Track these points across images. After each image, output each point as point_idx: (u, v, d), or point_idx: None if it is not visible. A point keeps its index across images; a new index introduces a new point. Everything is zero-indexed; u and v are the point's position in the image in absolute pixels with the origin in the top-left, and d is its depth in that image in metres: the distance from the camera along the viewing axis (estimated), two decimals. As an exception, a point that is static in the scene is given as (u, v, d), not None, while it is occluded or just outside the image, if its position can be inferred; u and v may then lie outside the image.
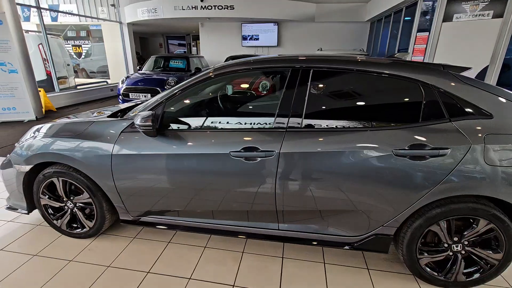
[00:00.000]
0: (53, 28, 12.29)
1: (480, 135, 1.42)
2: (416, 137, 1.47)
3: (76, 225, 2.07)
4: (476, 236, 1.55)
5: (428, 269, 1.66)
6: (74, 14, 10.42)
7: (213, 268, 1.82)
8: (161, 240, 2.08)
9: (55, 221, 2.07)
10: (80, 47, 11.77)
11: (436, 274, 1.65)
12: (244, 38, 9.82)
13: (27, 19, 11.82)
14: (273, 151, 1.56)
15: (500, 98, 1.48)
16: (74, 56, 11.60)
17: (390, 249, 1.72)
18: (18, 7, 6.00)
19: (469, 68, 1.65)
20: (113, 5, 10.51)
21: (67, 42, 12.63)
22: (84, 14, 10.67)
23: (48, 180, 1.93)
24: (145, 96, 6.18)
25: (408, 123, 1.52)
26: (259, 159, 1.58)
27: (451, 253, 1.61)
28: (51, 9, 10.83)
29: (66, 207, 2.01)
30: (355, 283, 1.71)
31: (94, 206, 1.93)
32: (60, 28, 12.11)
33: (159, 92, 5.74)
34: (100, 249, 1.99)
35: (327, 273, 1.79)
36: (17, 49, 5.68)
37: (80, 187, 1.89)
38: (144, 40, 17.74)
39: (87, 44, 11.96)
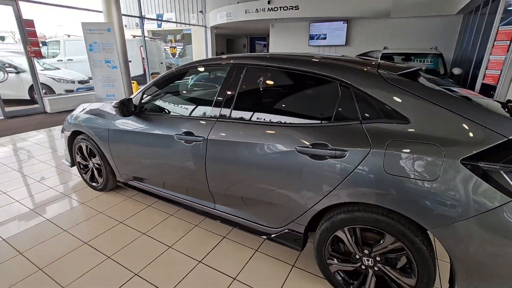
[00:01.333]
0: (161, 33, 15.06)
1: (384, 140, 1.30)
2: (319, 135, 1.46)
3: (94, 180, 2.79)
4: (384, 253, 1.41)
5: (339, 277, 1.59)
6: (168, 21, 12.47)
7: (166, 231, 2.20)
8: (144, 203, 2.59)
9: (83, 175, 2.84)
10: (175, 48, 14.04)
11: (345, 284, 1.57)
12: (311, 37, 9.72)
13: (140, 26, 14.85)
14: (202, 136, 1.81)
15: (429, 104, 1.29)
16: (170, 56, 13.93)
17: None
18: (124, 18, 7.75)
19: (412, 68, 1.48)
20: (201, 11, 12.11)
21: (168, 43, 15.24)
22: (179, 21, 12.64)
23: (79, 144, 2.68)
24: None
25: (321, 121, 1.51)
26: (193, 142, 1.85)
27: (363, 267, 1.51)
28: (150, 18, 13.25)
29: (89, 165, 2.75)
30: (270, 273, 1.80)
31: (102, 167, 2.59)
32: (163, 33, 14.72)
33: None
34: (102, 200, 2.65)
35: (252, 259, 1.92)
36: (119, 50, 7.39)
37: (95, 151, 2.56)
38: (230, 41, 19.48)
39: (180, 45, 14.15)
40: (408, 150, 1.25)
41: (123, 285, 1.68)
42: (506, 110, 1.36)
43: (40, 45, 6.62)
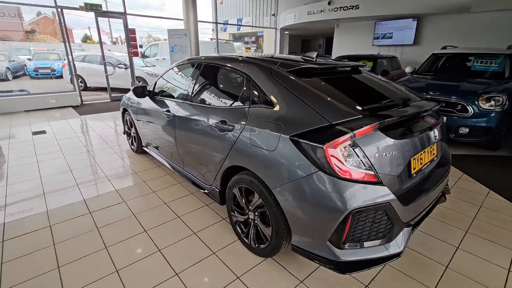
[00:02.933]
0: (241, 35, 16.72)
1: (254, 119, 1.76)
2: (225, 115, 1.99)
3: (133, 144, 3.92)
4: (256, 208, 1.84)
5: (237, 227, 2.08)
6: (241, 25, 13.75)
7: (170, 191, 3.07)
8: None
9: (128, 140, 4.03)
10: (250, 49, 15.39)
11: (241, 232, 2.05)
12: (376, 37, 9.21)
13: (225, 29, 16.82)
14: (172, 113, 2.56)
15: (291, 95, 1.66)
16: (244, 56, 15.42)
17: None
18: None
19: (301, 66, 1.84)
20: (273, 14, 12.94)
21: (246, 44, 16.76)
22: (255, 24, 13.79)
23: (126, 117, 3.85)
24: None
25: (230, 104, 2.04)
26: (169, 118, 2.63)
27: (249, 219, 1.96)
28: (222, 23, 14.84)
29: (131, 134, 3.90)
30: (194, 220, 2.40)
31: (136, 135, 3.67)
32: (242, 35, 16.30)
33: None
34: (136, 158, 3.76)
35: (198, 210, 2.55)
36: (193, 52, 8.92)
37: (131, 123, 3.66)
38: (306, 41, 19.71)
39: (254, 46, 15.42)
40: (262, 127, 1.68)
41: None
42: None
43: (138, 47, 8.67)
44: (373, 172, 1.37)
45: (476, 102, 3.69)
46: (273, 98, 1.73)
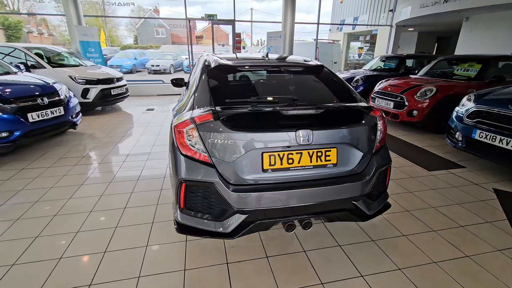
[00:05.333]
0: (356, 34, 15.79)
1: None
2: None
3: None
4: None
5: None
6: (351, 24, 12.98)
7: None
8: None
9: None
10: (362, 49, 14.31)
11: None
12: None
13: (341, 29, 16.28)
14: None
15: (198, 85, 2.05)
16: (355, 56, 14.45)
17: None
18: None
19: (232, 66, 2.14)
20: (391, 10, 11.58)
21: (364, 43, 15.66)
22: (371, 22, 12.80)
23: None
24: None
25: None
26: None
27: None
28: (325, 23, 14.20)
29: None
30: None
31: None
32: (357, 34, 15.30)
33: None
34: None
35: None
36: (286, 51, 9.51)
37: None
38: (444, 39, 16.15)
39: (367, 46, 14.19)
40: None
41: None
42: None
43: (241, 48, 10.07)
44: (206, 154, 1.60)
45: None
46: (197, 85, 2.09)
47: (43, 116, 3.77)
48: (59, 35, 32.06)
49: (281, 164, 1.66)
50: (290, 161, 1.67)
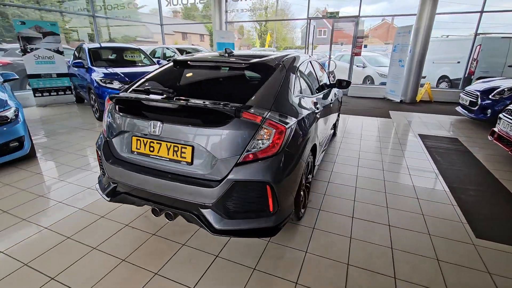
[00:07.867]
0: None
1: None
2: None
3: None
4: None
5: None
6: None
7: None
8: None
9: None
10: None
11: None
12: None
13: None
14: None
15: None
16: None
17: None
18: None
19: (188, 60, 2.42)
20: None
21: None
22: None
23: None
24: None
25: None
26: None
27: None
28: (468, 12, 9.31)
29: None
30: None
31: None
32: None
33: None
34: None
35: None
36: (417, 50, 7.72)
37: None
38: None
39: None
40: None
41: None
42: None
43: (362, 47, 9.05)
44: (105, 128, 2.03)
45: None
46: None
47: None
48: (246, 39, 38.36)
49: (144, 149, 1.83)
50: (152, 149, 1.80)
